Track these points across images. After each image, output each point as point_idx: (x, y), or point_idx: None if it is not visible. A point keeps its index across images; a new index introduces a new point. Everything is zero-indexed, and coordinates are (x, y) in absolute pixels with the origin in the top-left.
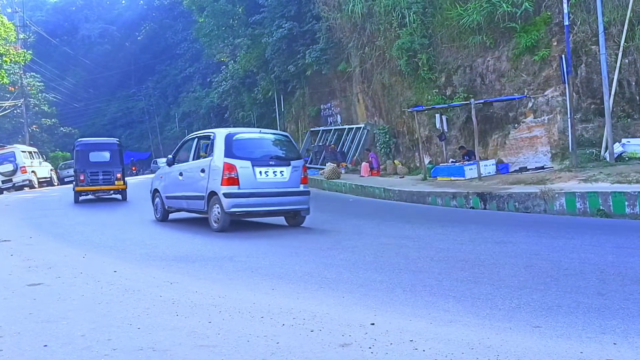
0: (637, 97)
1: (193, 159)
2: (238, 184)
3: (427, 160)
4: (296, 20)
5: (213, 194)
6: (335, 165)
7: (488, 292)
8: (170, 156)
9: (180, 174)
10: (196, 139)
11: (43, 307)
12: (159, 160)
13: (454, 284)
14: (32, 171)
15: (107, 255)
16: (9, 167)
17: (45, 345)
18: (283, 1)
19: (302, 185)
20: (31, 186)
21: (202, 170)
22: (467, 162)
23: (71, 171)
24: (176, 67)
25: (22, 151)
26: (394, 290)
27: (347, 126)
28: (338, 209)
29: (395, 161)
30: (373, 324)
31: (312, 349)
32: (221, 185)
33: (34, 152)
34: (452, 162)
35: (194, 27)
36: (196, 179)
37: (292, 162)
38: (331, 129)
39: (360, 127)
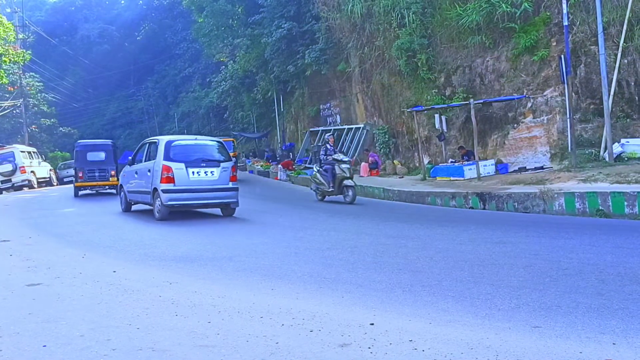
0: (636, 98)
1: (144, 161)
2: (174, 182)
3: (426, 160)
4: (295, 21)
5: (155, 190)
6: None
7: (487, 292)
8: (130, 158)
9: (136, 173)
10: (147, 144)
11: (42, 307)
12: None
13: (454, 284)
14: (31, 171)
15: (106, 255)
16: (8, 167)
17: (45, 346)
18: (282, 1)
19: (230, 183)
20: (30, 186)
21: (149, 171)
22: (466, 162)
23: (70, 171)
24: (175, 67)
25: (21, 151)
26: (393, 290)
27: (346, 126)
28: (337, 209)
29: (394, 161)
30: (372, 324)
31: (311, 349)
32: (160, 183)
33: (33, 152)
34: (451, 162)
35: (193, 27)
36: (145, 177)
37: (222, 164)
38: (330, 129)
39: (360, 127)
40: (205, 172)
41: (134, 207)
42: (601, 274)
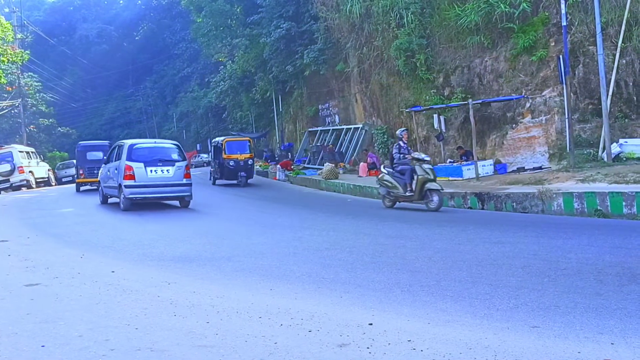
0: (635, 98)
1: (114, 161)
2: (134, 179)
3: None
4: (294, 21)
5: (120, 185)
6: (333, 165)
7: (486, 292)
8: (105, 157)
9: (109, 171)
10: (117, 147)
11: (41, 307)
12: None
13: (452, 284)
14: (30, 171)
15: (104, 255)
16: (6, 167)
17: (43, 346)
18: (281, 1)
19: (184, 179)
20: (28, 186)
21: (116, 169)
22: (464, 162)
23: (69, 171)
24: (174, 67)
25: (20, 151)
26: (392, 290)
27: (345, 126)
28: (336, 209)
29: None
30: (371, 324)
31: (310, 349)
32: (123, 179)
33: (32, 152)
34: (450, 162)
35: (192, 27)
36: (114, 174)
37: (177, 163)
38: (329, 129)
39: (358, 127)
40: (161, 170)
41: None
42: (600, 274)
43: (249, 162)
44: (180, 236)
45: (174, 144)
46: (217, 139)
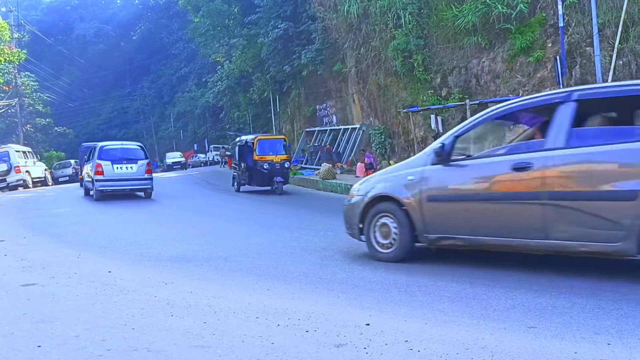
0: None
1: (90, 160)
2: (103, 174)
3: None
4: (292, 21)
5: (93, 180)
6: (330, 165)
7: (483, 292)
8: (85, 157)
9: (87, 168)
10: (93, 148)
11: (37, 307)
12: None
13: (449, 284)
14: (26, 171)
15: (101, 255)
16: (3, 166)
17: (39, 346)
18: (279, 1)
19: (146, 174)
20: (25, 186)
21: (90, 167)
22: None
23: (65, 171)
24: (171, 67)
25: (16, 151)
26: (389, 290)
27: (342, 126)
28: (334, 209)
29: (390, 162)
30: (368, 324)
31: (307, 349)
32: (95, 175)
33: (28, 151)
34: None
35: (189, 27)
36: (90, 170)
37: (139, 161)
38: (327, 130)
39: (356, 128)
40: (126, 167)
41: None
42: (596, 274)
43: (286, 165)
44: (177, 236)
45: (138, 145)
46: (243, 137)
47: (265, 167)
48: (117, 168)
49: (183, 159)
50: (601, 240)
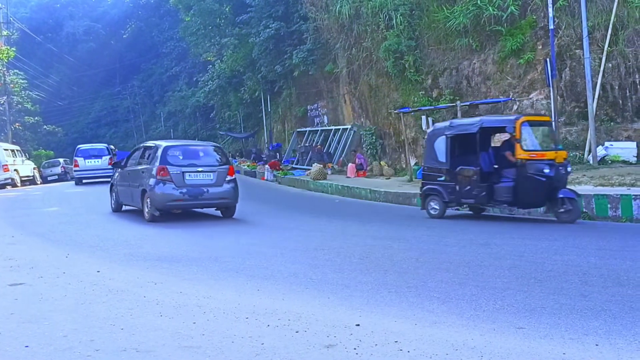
0: (620, 101)
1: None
2: (79, 167)
3: (413, 161)
4: (283, 21)
5: (72, 170)
6: (321, 166)
7: (472, 293)
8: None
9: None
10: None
11: (25, 307)
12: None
13: (439, 285)
14: (15, 169)
15: (90, 255)
16: None
17: (27, 346)
18: (270, 1)
19: (109, 166)
20: (13, 185)
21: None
22: None
23: (54, 170)
24: (162, 66)
25: (5, 149)
26: (379, 291)
27: (333, 127)
28: (324, 210)
29: (381, 162)
30: (358, 324)
31: (296, 349)
32: (73, 167)
33: (17, 150)
34: None
35: (180, 26)
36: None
37: (104, 156)
38: (318, 130)
39: (347, 128)
40: (94, 161)
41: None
42: (585, 276)
43: (568, 168)
44: (167, 236)
45: (104, 146)
46: (456, 121)
47: (545, 172)
48: (88, 162)
49: None
50: None
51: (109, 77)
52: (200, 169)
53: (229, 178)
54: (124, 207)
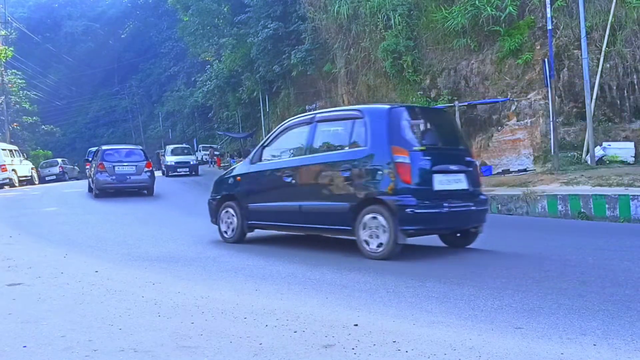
0: (618, 102)
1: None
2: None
3: None
4: (282, 21)
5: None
6: None
7: (470, 293)
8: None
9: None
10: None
11: (23, 307)
12: None
13: (437, 285)
14: (13, 169)
15: (88, 255)
16: None
17: (25, 346)
18: (269, 1)
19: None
20: (11, 185)
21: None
22: None
23: (52, 170)
24: (160, 66)
25: (2, 149)
26: (377, 291)
27: None
28: None
29: None
30: (356, 324)
31: (295, 349)
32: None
33: (15, 150)
34: None
35: (178, 26)
36: None
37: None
38: None
39: None
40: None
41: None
42: (582, 276)
43: None
44: (165, 236)
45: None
46: None
47: None
48: (117, 168)
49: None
50: None
51: (107, 77)
52: (125, 164)
53: (146, 169)
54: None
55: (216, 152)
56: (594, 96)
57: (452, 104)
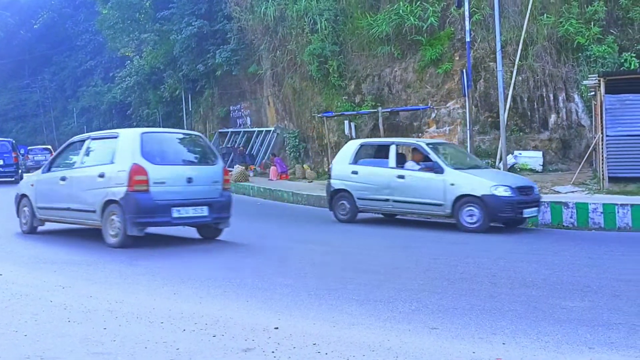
0: (529, 113)
1: None
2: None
3: None
4: (207, 19)
5: None
6: (243, 167)
7: (389, 295)
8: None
9: None
10: None
11: None
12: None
13: (358, 287)
14: None
15: None
16: None
17: None
18: None
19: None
20: None
21: None
22: None
23: None
24: (76, 59)
25: None
26: (298, 294)
27: (256, 129)
28: (245, 212)
29: (304, 165)
30: (277, 328)
31: (213, 354)
32: None
33: None
34: None
35: (96, 19)
36: None
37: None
38: (240, 131)
39: (270, 131)
40: None
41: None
42: (494, 278)
43: None
44: (76, 238)
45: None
46: None
47: None
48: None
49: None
50: None
51: (17, 68)
52: None
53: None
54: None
55: None
56: (507, 107)
57: (375, 110)
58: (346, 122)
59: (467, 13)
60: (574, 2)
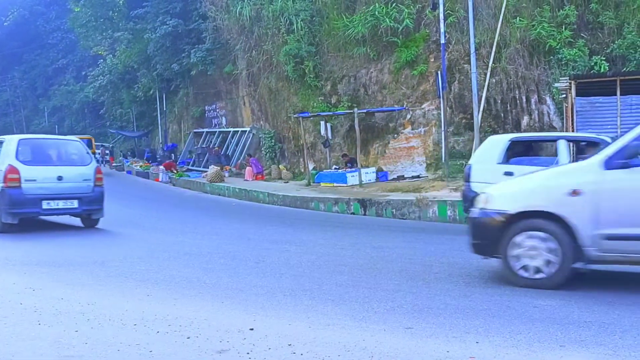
0: (502, 114)
1: None
2: None
3: (311, 166)
4: (181, 18)
5: None
6: (218, 168)
7: (365, 295)
8: None
9: None
10: None
11: None
12: None
13: (334, 288)
14: None
15: None
16: None
17: None
18: None
19: None
20: None
21: None
22: (349, 169)
23: None
24: (47, 58)
25: None
26: (274, 294)
27: (232, 129)
28: (220, 213)
29: (280, 166)
30: (252, 329)
31: (187, 356)
32: None
33: None
34: (335, 168)
35: (69, 17)
36: None
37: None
38: (216, 131)
39: (246, 131)
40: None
41: None
42: (468, 277)
43: None
44: (48, 239)
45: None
46: None
47: None
48: None
49: None
50: None
51: None
52: None
53: None
54: None
55: (107, 152)
56: (481, 108)
57: (351, 111)
58: (322, 122)
59: (442, 15)
60: (546, 6)
